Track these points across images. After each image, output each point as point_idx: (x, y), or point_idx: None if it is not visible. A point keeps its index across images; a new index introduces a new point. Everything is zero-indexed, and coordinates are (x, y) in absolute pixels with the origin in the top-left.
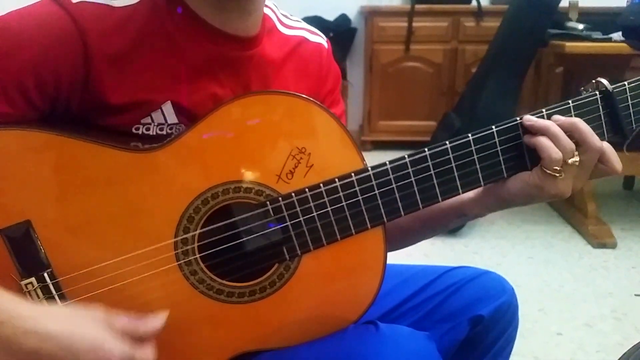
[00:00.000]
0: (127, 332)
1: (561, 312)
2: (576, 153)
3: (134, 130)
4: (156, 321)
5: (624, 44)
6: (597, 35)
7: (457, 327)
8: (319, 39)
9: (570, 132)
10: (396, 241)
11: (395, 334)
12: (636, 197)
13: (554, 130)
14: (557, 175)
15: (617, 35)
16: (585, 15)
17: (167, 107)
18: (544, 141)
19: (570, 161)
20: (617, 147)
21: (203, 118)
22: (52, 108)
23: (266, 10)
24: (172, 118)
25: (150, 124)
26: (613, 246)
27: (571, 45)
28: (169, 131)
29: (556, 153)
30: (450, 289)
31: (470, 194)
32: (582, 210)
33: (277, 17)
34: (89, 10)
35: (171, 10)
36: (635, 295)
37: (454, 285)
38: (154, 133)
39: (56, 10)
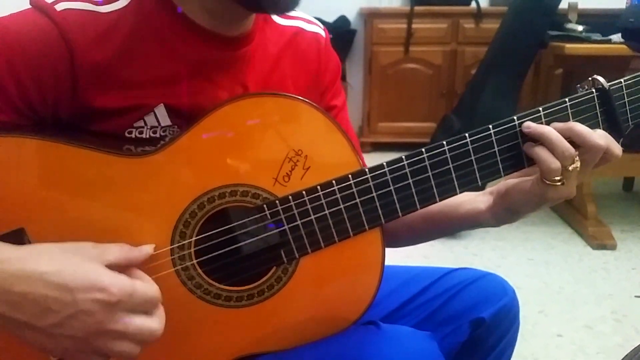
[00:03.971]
0: (120, 262)
1: (561, 313)
2: (576, 159)
3: (126, 134)
4: (147, 248)
5: (623, 46)
6: (597, 36)
7: (458, 329)
8: (316, 28)
9: (568, 137)
10: (405, 240)
11: (396, 333)
12: (636, 199)
13: (550, 137)
14: (558, 184)
15: (617, 37)
16: (585, 16)
17: (160, 110)
18: (540, 153)
19: (570, 168)
20: None
21: (197, 122)
22: (40, 116)
23: None
24: (165, 121)
25: (143, 127)
26: (613, 247)
27: (570, 47)
28: (163, 134)
29: (553, 164)
30: (451, 291)
31: (483, 205)
32: (582, 212)
33: None
34: (74, 18)
35: (159, 12)
36: (636, 296)
37: (455, 288)
38: (147, 136)
39: (40, 18)
